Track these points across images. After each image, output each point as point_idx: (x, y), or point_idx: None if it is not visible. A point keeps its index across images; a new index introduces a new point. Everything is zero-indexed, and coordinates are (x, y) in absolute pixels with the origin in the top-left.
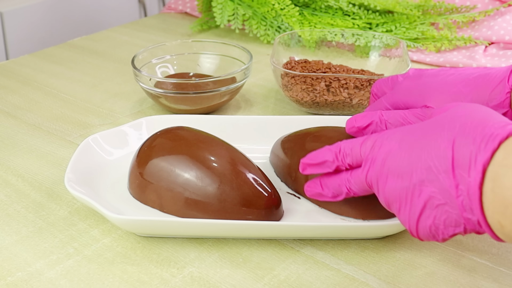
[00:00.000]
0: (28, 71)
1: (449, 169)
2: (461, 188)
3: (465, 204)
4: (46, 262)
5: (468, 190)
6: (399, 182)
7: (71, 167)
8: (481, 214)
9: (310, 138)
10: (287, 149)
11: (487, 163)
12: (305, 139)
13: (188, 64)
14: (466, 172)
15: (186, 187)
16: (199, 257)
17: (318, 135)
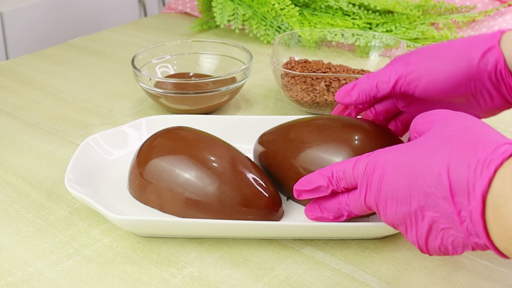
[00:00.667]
0: (28, 71)
1: (447, 196)
2: (464, 214)
3: (470, 229)
4: (46, 262)
5: (471, 217)
6: (400, 207)
7: (71, 167)
8: (487, 239)
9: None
10: (265, 141)
11: (486, 192)
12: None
13: (188, 64)
14: (466, 199)
15: (186, 187)
16: (199, 257)
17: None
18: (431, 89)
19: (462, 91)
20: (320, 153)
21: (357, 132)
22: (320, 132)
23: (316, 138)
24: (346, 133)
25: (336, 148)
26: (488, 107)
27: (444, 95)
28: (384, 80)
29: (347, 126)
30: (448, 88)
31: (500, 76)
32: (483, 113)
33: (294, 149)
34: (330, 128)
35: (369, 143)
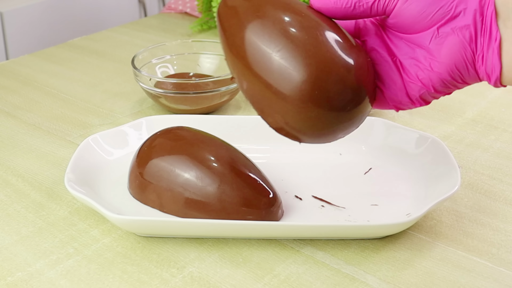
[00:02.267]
0: (28, 71)
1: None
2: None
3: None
4: (46, 262)
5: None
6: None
7: (71, 167)
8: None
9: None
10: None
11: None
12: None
13: (188, 64)
14: None
15: (186, 187)
16: (199, 257)
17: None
18: (409, 11)
19: (442, 7)
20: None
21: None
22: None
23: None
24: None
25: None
26: (455, 41)
27: (424, 7)
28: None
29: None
30: (427, 15)
31: (483, 3)
32: (447, 59)
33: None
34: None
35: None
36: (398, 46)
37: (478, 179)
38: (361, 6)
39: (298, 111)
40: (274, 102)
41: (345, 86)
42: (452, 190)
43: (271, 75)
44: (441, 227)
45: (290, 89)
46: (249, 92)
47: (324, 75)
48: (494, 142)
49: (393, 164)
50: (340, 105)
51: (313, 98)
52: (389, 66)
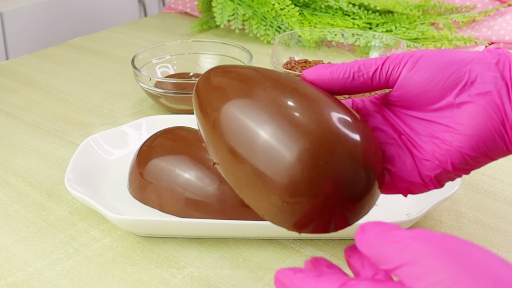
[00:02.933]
0: (28, 71)
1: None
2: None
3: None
4: (46, 262)
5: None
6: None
7: (71, 167)
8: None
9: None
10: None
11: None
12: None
13: (188, 64)
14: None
15: (186, 187)
16: (199, 257)
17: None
18: (421, 64)
19: (455, 73)
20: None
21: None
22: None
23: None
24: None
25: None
26: (478, 110)
27: (434, 73)
28: (372, 60)
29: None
30: (441, 63)
31: (502, 66)
32: (470, 130)
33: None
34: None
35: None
36: (406, 123)
37: (478, 179)
38: (360, 76)
39: (289, 205)
40: (261, 190)
41: (352, 170)
42: (452, 190)
43: (259, 158)
44: (441, 227)
45: (279, 175)
46: (236, 178)
47: (324, 156)
48: None
49: None
50: (347, 196)
51: (308, 187)
52: (397, 144)
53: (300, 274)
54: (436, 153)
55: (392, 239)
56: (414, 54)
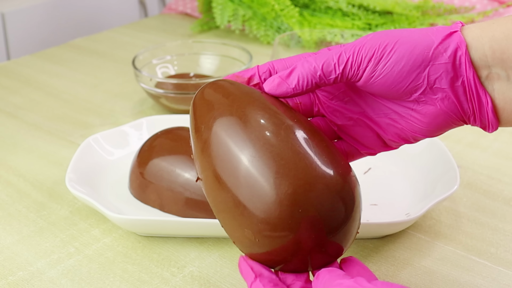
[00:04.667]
0: (29, 72)
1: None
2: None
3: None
4: (47, 262)
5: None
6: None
7: (72, 167)
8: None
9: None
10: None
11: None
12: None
13: (188, 65)
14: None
15: (187, 187)
16: (199, 257)
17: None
18: (380, 72)
19: (414, 81)
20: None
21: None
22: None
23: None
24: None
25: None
26: (438, 113)
27: (394, 82)
28: (331, 62)
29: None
30: (400, 73)
31: (458, 65)
32: (431, 126)
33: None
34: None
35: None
36: (369, 104)
37: (477, 178)
38: (322, 84)
39: (264, 239)
40: (238, 219)
41: (330, 203)
42: (451, 189)
43: (240, 189)
44: (440, 227)
45: (261, 209)
46: (216, 201)
47: (304, 195)
48: (493, 142)
49: (392, 164)
50: (328, 229)
51: (288, 224)
52: (360, 124)
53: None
54: (398, 135)
55: (335, 287)
56: (372, 57)
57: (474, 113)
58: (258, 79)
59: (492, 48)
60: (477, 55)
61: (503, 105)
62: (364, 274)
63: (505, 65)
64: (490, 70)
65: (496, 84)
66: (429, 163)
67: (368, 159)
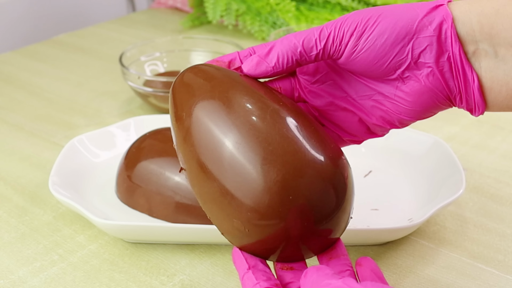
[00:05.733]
0: (10, 69)
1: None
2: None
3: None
4: (29, 270)
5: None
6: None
7: (55, 169)
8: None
9: None
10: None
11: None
12: None
13: (178, 62)
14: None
15: (177, 190)
16: (190, 264)
17: None
18: (362, 46)
19: (397, 55)
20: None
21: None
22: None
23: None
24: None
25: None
26: (423, 91)
27: (377, 57)
28: (312, 37)
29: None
30: (383, 47)
31: (444, 39)
32: (416, 106)
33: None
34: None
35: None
36: (352, 86)
37: (484, 182)
38: (303, 61)
39: (255, 227)
40: (226, 209)
41: (321, 190)
42: (457, 194)
43: (227, 178)
44: (445, 233)
45: (249, 198)
46: (201, 191)
47: (294, 181)
48: (500, 143)
49: (394, 167)
50: (317, 218)
51: (277, 211)
52: (344, 109)
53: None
54: (383, 119)
55: (323, 287)
56: (354, 31)
57: (460, 92)
58: (240, 62)
59: (480, 23)
60: (464, 29)
61: (490, 84)
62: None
63: (493, 41)
64: (477, 46)
65: (484, 61)
66: (433, 165)
67: (369, 161)
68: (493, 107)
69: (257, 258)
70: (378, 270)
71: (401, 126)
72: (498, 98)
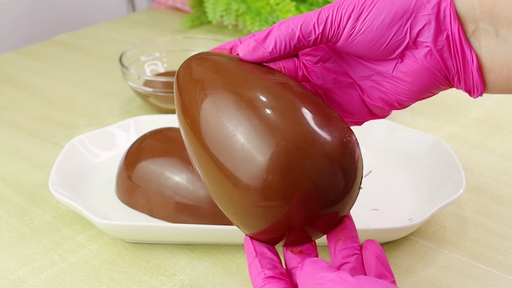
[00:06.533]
0: (10, 69)
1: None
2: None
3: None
4: (29, 270)
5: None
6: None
7: (55, 169)
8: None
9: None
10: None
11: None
12: None
13: (178, 62)
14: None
15: (177, 190)
16: (190, 264)
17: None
18: (359, 28)
19: (396, 34)
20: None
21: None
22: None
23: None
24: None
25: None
26: (421, 70)
27: (375, 37)
28: (310, 22)
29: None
30: (381, 27)
31: (443, 17)
32: (414, 86)
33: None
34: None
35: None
36: (351, 66)
37: (484, 182)
38: (302, 46)
39: (262, 209)
40: (236, 193)
41: (329, 173)
42: (457, 194)
43: (232, 160)
44: (444, 233)
45: (251, 178)
46: (209, 178)
47: (298, 160)
48: (500, 143)
49: (394, 167)
50: (324, 200)
51: (281, 192)
52: (345, 90)
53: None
54: (384, 98)
55: (317, 280)
56: (352, 13)
57: (459, 72)
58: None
59: (481, 1)
60: (464, 7)
61: (490, 64)
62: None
63: (494, 20)
64: (477, 25)
65: (484, 40)
66: (433, 165)
67: (369, 161)
68: (493, 89)
69: (265, 245)
70: (383, 256)
71: (400, 107)
72: (498, 79)
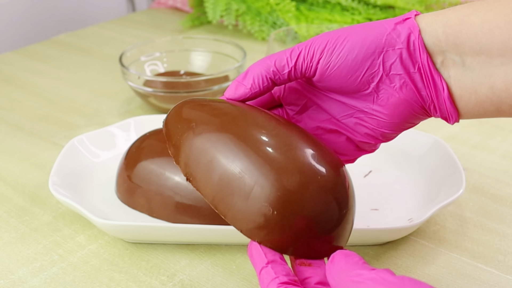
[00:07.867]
0: (10, 69)
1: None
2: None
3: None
4: (29, 270)
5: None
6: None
7: (55, 169)
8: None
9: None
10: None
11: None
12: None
13: (178, 62)
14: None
15: (177, 190)
16: (190, 264)
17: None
18: (334, 62)
19: (369, 68)
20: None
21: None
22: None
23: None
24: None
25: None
26: (398, 102)
27: (350, 71)
28: (284, 57)
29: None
30: (355, 62)
31: (413, 50)
32: (394, 118)
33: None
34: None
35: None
36: (335, 108)
37: (484, 182)
38: (277, 79)
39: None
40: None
41: (324, 204)
42: (457, 194)
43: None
44: (444, 233)
45: (250, 211)
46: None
47: (296, 195)
48: (500, 143)
49: (394, 167)
50: (320, 230)
51: (279, 226)
52: (331, 132)
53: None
54: (368, 135)
55: (354, 278)
56: (325, 49)
57: (433, 101)
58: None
59: (445, 33)
60: (430, 40)
61: (460, 92)
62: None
63: (459, 50)
64: (445, 55)
65: (452, 70)
66: (433, 165)
67: (369, 161)
68: (466, 115)
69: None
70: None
71: (385, 140)
72: (469, 105)
